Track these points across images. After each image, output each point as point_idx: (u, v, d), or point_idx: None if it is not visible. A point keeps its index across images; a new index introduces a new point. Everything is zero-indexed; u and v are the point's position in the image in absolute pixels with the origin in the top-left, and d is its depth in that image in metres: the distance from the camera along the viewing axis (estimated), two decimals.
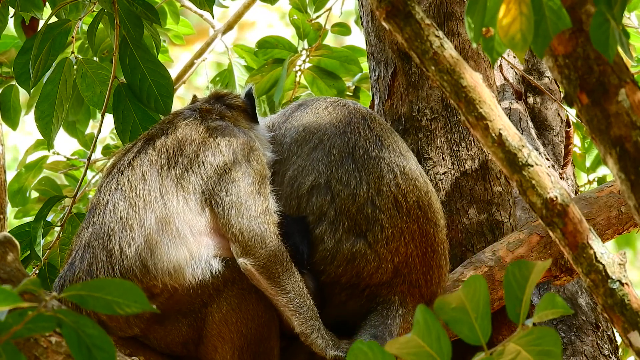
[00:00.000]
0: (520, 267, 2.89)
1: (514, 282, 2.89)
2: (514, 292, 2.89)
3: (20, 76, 5.07)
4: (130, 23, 4.97)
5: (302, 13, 6.57)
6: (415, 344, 2.81)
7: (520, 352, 2.87)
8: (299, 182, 4.57)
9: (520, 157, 3.21)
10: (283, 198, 4.59)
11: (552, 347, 2.88)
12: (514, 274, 2.89)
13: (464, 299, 2.84)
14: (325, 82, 6.53)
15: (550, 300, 2.89)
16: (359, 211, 4.48)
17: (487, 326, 2.85)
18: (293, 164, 4.63)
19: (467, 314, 2.85)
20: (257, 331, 4.36)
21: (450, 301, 2.85)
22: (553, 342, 2.88)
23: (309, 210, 4.52)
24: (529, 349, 2.87)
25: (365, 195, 4.49)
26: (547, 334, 2.87)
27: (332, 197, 4.51)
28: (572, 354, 5.35)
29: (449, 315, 2.87)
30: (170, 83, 5.03)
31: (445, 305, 2.86)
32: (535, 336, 2.87)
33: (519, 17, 3.01)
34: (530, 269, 2.88)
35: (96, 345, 2.76)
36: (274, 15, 11.56)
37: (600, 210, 4.97)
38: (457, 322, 2.87)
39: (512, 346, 2.88)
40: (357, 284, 4.50)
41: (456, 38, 5.19)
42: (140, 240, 4.30)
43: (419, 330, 2.81)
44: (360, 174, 4.52)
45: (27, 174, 6.69)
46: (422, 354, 2.82)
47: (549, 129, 6.10)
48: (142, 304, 2.74)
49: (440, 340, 2.82)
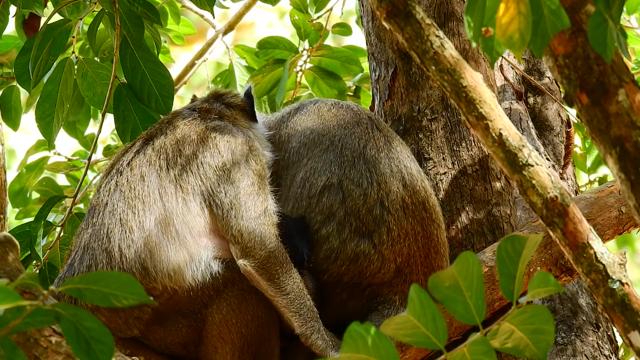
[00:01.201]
0: (512, 241, 2.85)
1: (507, 258, 2.85)
2: (506, 269, 2.85)
3: (21, 76, 5.07)
4: (130, 23, 4.97)
5: (303, 13, 6.57)
6: (411, 324, 2.78)
7: (514, 331, 2.86)
8: (311, 183, 4.58)
9: (521, 157, 3.21)
10: (292, 199, 4.60)
11: (545, 325, 2.86)
12: (506, 249, 2.86)
13: (457, 277, 2.82)
14: (326, 82, 6.53)
15: (542, 278, 2.87)
16: (368, 212, 4.50)
17: (481, 305, 2.82)
18: (304, 166, 4.65)
19: (461, 293, 2.82)
20: (257, 332, 4.35)
21: (443, 279, 2.82)
22: (546, 320, 2.85)
23: (318, 209, 4.53)
24: (522, 327, 2.85)
25: (376, 196, 4.52)
26: (540, 311, 2.85)
27: (343, 197, 4.52)
28: (572, 354, 5.35)
29: (443, 294, 2.82)
30: (170, 83, 5.03)
31: (439, 283, 2.82)
32: (529, 314, 2.84)
33: (517, 16, 3.01)
34: (523, 243, 2.85)
35: (95, 338, 2.75)
36: (273, 16, 11.56)
37: (600, 210, 4.97)
38: (451, 301, 2.83)
39: (506, 325, 2.85)
40: (358, 283, 4.51)
41: (457, 38, 5.19)
42: (139, 242, 4.30)
43: (414, 310, 2.77)
44: (371, 174, 4.55)
45: (28, 175, 6.68)
46: (418, 335, 2.79)
47: (549, 129, 6.09)
48: (140, 297, 2.73)
49: (436, 320, 2.79)
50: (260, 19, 11.63)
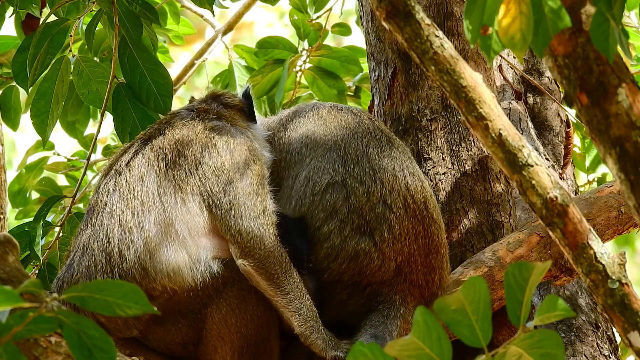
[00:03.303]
0: (520, 268, 2.88)
1: (514, 284, 2.88)
2: (514, 294, 2.88)
3: (18, 75, 5.06)
4: (129, 23, 4.97)
5: (303, 13, 6.57)
6: (415, 346, 2.80)
7: (522, 355, 2.86)
8: (315, 181, 4.59)
9: (520, 157, 3.21)
10: (295, 197, 4.61)
11: (554, 350, 2.87)
12: (514, 275, 2.88)
13: (463, 301, 2.83)
14: (325, 82, 6.53)
15: (551, 302, 2.88)
16: (371, 209, 4.51)
17: (487, 328, 2.84)
18: (307, 165, 4.66)
19: (467, 316, 2.84)
20: (256, 332, 4.35)
21: (450, 303, 2.84)
22: (555, 345, 2.86)
23: (321, 207, 4.54)
24: (531, 351, 2.86)
25: (379, 194, 4.52)
26: (549, 336, 2.86)
27: (347, 195, 4.53)
28: (572, 354, 5.35)
29: (449, 317, 2.85)
30: (169, 83, 5.02)
31: (445, 307, 2.85)
32: (537, 339, 2.86)
33: (519, 16, 3.01)
34: (530, 270, 2.87)
35: (97, 346, 2.76)
36: (272, 15, 11.56)
37: (600, 210, 4.97)
38: (457, 323, 2.85)
39: (513, 349, 2.87)
40: (358, 282, 4.51)
41: (456, 38, 5.18)
42: (139, 242, 4.29)
43: (419, 331, 2.79)
44: (374, 173, 4.56)
45: (27, 175, 6.68)
46: (423, 356, 2.80)
47: (548, 129, 6.10)
48: (143, 306, 2.74)
49: (441, 342, 2.80)
50: (260, 19, 11.63)
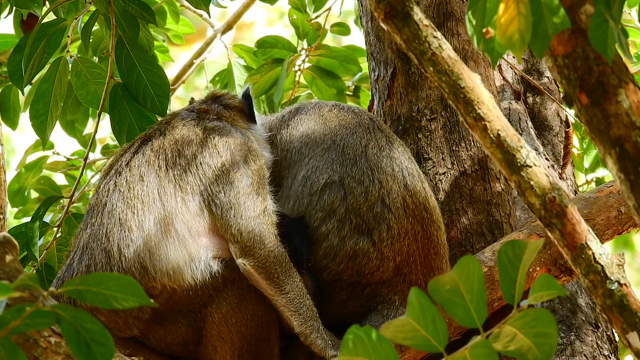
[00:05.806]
0: (513, 246, 2.85)
1: (507, 263, 2.85)
2: (507, 273, 2.85)
3: (14, 74, 5.06)
4: (126, 23, 4.96)
5: (302, 13, 6.57)
6: (411, 327, 2.77)
7: (516, 334, 2.85)
8: (312, 181, 4.59)
9: (519, 157, 3.20)
10: (293, 197, 4.61)
11: (547, 329, 2.85)
12: (507, 254, 2.85)
13: (457, 281, 2.81)
14: (324, 81, 6.53)
15: (544, 280, 2.86)
16: (369, 209, 4.51)
17: (482, 308, 2.82)
18: (305, 164, 4.66)
19: (461, 296, 2.81)
20: (256, 331, 4.35)
21: (443, 283, 2.81)
22: (548, 323, 2.84)
23: (319, 206, 4.54)
24: (525, 331, 2.84)
25: (377, 194, 4.53)
26: (542, 315, 2.84)
27: (345, 195, 4.53)
28: (571, 354, 5.35)
29: (443, 298, 2.81)
30: (166, 83, 5.02)
31: (439, 287, 2.81)
32: (531, 318, 2.83)
33: (517, 16, 3.01)
34: (523, 247, 2.85)
35: (95, 340, 2.75)
36: (272, 15, 11.55)
37: (599, 210, 4.96)
38: (451, 304, 2.82)
39: (508, 329, 2.85)
40: (357, 282, 4.51)
41: (455, 38, 5.18)
42: (139, 241, 4.30)
43: (414, 312, 2.76)
44: (373, 173, 4.56)
45: (27, 174, 6.68)
46: (418, 337, 2.78)
47: (548, 129, 6.09)
48: (140, 298, 2.73)
49: (436, 323, 2.79)
50: (259, 19, 11.63)
